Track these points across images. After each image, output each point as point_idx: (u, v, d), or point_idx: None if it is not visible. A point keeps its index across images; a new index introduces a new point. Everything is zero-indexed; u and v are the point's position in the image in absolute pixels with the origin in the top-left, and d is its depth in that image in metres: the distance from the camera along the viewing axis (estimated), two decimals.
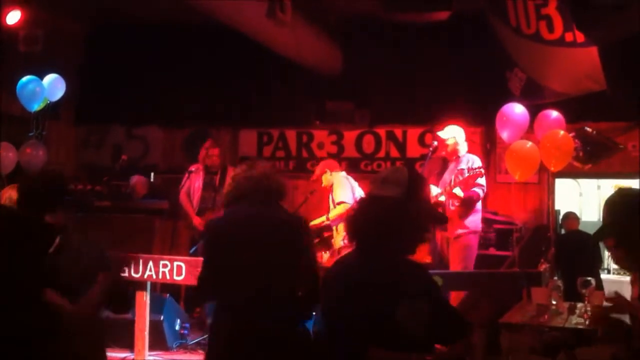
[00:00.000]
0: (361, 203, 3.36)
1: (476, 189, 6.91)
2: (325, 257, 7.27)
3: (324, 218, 7.38)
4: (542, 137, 7.07)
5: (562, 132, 7.05)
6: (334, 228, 7.37)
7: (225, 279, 3.63)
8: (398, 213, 3.03)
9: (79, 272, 3.63)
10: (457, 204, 6.91)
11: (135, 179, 8.67)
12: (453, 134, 7.13)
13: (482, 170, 6.84)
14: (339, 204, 7.25)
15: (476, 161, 7.05)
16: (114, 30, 10.00)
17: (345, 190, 7.33)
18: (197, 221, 7.67)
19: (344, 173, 7.64)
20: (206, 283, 3.75)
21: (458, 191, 6.85)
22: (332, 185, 7.49)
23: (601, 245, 9.89)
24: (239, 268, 3.59)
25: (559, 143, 7.01)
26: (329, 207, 7.53)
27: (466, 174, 6.85)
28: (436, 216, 3.26)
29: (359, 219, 3.08)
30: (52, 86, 8.11)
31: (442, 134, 7.18)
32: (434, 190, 6.94)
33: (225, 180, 7.72)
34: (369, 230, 3.02)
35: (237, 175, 3.77)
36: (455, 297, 6.58)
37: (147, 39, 9.95)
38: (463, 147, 7.16)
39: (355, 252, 3.10)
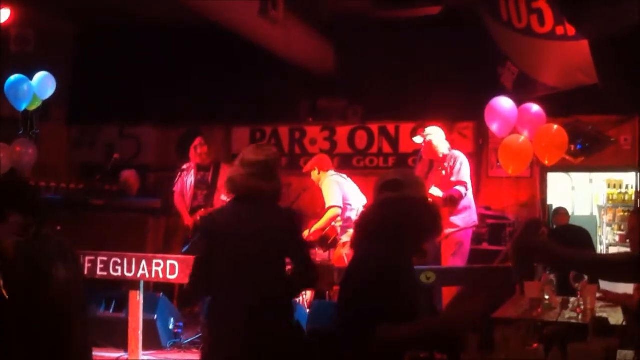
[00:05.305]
0: (391, 204, 3.24)
1: (458, 187, 6.77)
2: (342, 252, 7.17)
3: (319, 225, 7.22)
4: (536, 131, 7.07)
5: (555, 127, 7.06)
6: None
7: (221, 274, 3.64)
8: (427, 211, 3.18)
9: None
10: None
11: (127, 174, 8.60)
12: (428, 134, 6.91)
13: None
14: (329, 208, 7.07)
15: (459, 158, 6.87)
16: (106, 30, 9.97)
17: (334, 194, 7.14)
18: (189, 220, 7.64)
19: (333, 173, 7.39)
20: (200, 279, 3.74)
21: (435, 191, 6.69)
22: (321, 186, 7.31)
23: (594, 239, 9.93)
24: (235, 262, 3.62)
25: (552, 137, 7.01)
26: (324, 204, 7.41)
27: (443, 173, 6.82)
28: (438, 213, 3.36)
29: (389, 218, 3.09)
30: (42, 84, 8.00)
31: (416, 139, 7.02)
32: None
33: (218, 177, 7.69)
34: (399, 229, 3.06)
35: (238, 164, 3.75)
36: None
37: (139, 38, 9.93)
38: (442, 146, 6.91)
39: (373, 249, 3.11)
